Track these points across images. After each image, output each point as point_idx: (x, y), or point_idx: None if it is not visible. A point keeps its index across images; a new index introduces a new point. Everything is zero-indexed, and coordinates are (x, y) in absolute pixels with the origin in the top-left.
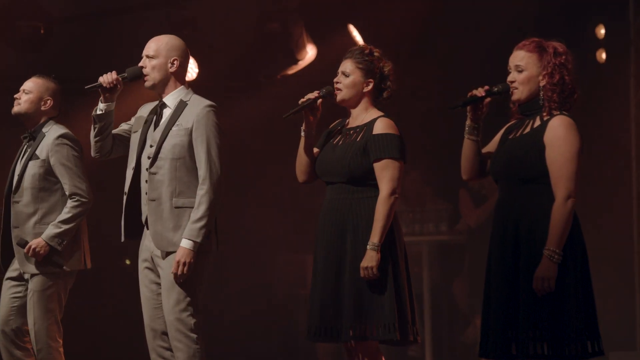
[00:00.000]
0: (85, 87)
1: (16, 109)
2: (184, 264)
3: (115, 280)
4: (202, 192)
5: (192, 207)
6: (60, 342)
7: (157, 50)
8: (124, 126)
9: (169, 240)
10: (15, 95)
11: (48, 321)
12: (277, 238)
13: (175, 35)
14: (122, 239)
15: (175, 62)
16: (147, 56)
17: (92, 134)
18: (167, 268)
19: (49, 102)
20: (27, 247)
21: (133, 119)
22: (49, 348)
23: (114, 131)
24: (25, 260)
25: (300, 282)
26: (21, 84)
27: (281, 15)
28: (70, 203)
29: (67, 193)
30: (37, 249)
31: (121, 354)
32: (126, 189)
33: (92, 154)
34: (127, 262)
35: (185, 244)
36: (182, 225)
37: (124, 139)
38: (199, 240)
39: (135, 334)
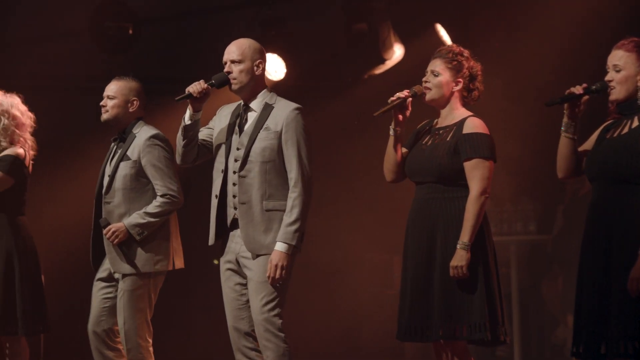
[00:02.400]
0: (176, 98)
1: (105, 116)
2: (281, 267)
3: (204, 280)
4: (295, 194)
5: (283, 210)
6: (150, 341)
7: (243, 54)
8: (204, 131)
9: (261, 243)
10: (101, 103)
11: (138, 321)
12: (364, 238)
13: (253, 40)
14: (212, 242)
15: (260, 64)
16: (232, 61)
17: (181, 142)
18: (256, 269)
19: (135, 102)
20: (108, 228)
21: (211, 122)
22: (139, 347)
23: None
24: (118, 261)
25: (387, 282)
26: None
27: (369, 15)
28: (160, 199)
29: (158, 194)
30: (116, 232)
31: (211, 353)
32: (217, 192)
33: (178, 161)
34: (215, 262)
35: (281, 247)
36: (273, 227)
37: (207, 144)
38: (293, 243)
39: (225, 334)
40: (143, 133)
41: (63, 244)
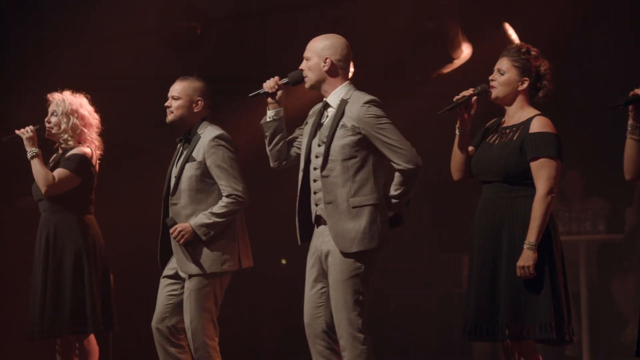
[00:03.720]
0: (249, 95)
1: (170, 117)
2: None
3: (272, 280)
4: (403, 169)
5: (369, 205)
6: (216, 340)
7: (311, 51)
8: (297, 131)
9: (351, 240)
10: (165, 104)
11: (204, 320)
12: (433, 237)
13: (334, 34)
14: (300, 242)
15: (327, 60)
16: (305, 58)
17: (266, 143)
18: (338, 267)
19: (199, 102)
20: (174, 228)
21: (305, 122)
22: (206, 346)
23: (289, 137)
24: (185, 261)
25: (455, 281)
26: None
27: (437, 13)
28: (226, 199)
29: (223, 194)
30: (182, 232)
31: (277, 352)
32: (298, 190)
33: (271, 163)
34: (283, 261)
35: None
36: (362, 223)
37: (299, 144)
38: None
39: (292, 333)
40: (207, 133)
41: (130, 243)
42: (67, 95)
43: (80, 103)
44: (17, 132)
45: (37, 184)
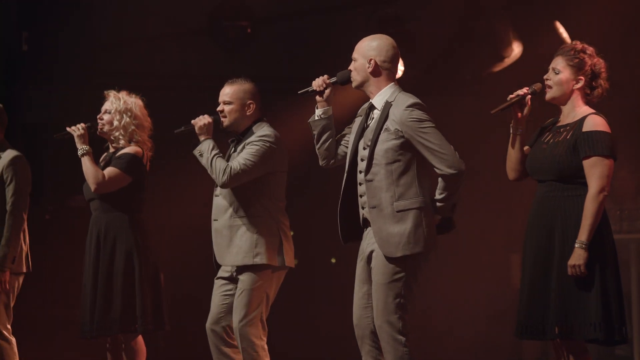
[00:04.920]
0: (298, 92)
1: (226, 123)
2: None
3: (321, 279)
4: (445, 174)
5: (414, 208)
6: (264, 340)
7: (358, 52)
8: (347, 129)
9: (396, 244)
10: (218, 109)
11: (253, 320)
12: (483, 236)
13: (382, 35)
14: (344, 243)
15: (372, 62)
16: (352, 58)
17: (314, 141)
18: (380, 269)
19: (252, 105)
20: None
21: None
22: (254, 346)
23: (338, 135)
24: (223, 253)
25: (504, 280)
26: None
27: (487, 12)
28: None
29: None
30: None
31: (326, 352)
32: (341, 192)
33: (320, 162)
34: (333, 260)
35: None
36: (407, 227)
37: (346, 144)
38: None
39: (342, 333)
40: (260, 132)
41: (181, 243)
42: (123, 94)
43: (135, 103)
44: (68, 129)
45: (86, 179)
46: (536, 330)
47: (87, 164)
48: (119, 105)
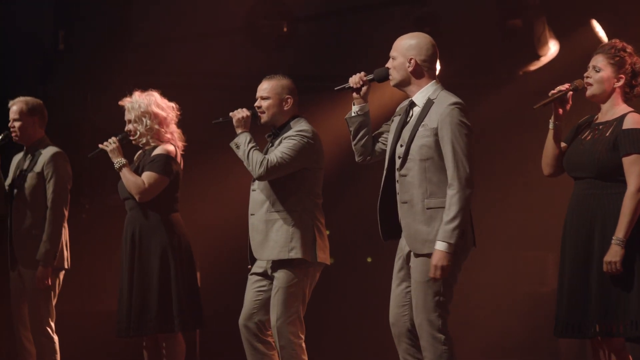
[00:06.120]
0: (335, 88)
1: (264, 118)
2: (441, 267)
3: (358, 278)
4: (452, 192)
5: (444, 208)
6: (302, 337)
7: (397, 50)
8: (384, 127)
9: (423, 242)
10: (255, 105)
11: (291, 318)
12: (519, 235)
13: (420, 33)
14: (385, 240)
15: (412, 61)
16: (391, 57)
17: (351, 138)
18: (418, 268)
19: (289, 100)
20: None
21: (392, 119)
22: (292, 344)
23: (375, 132)
24: (260, 247)
25: (541, 279)
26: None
27: (523, 10)
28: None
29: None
30: None
31: (363, 351)
32: (380, 189)
33: (356, 158)
34: (369, 259)
35: (440, 246)
36: (436, 226)
37: (384, 140)
38: (452, 241)
39: (378, 332)
40: (297, 127)
41: (217, 241)
42: (136, 96)
43: (150, 101)
44: (100, 146)
45: (129, 191)
46: (575, 328)
47: (126, 175)
48: (136, 112)
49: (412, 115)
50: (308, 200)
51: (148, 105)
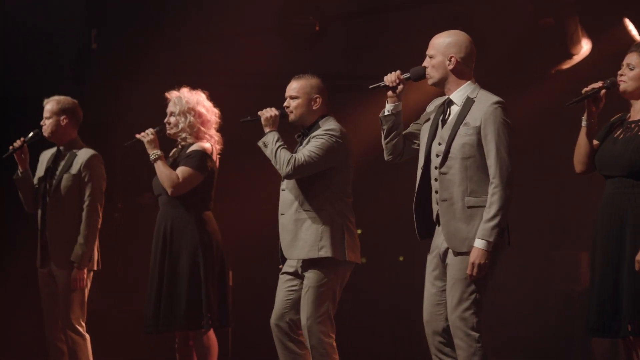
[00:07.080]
0: (370, 86)
1: (292, 117)
2: (478, 265)
3: (389, 277)
4: (494, 190)
5: (485, 206)
6: (333, 337)
7: (435, 49)
8: (413, 125)
9: (462, 240)
10: (284, 104)
11: (321, 317)
12: (551, 234)
13: (457, 31)
14: (420, 238)
15: (452, 59)
16: (428, 56)
17: (382, 136)
18: (456, 266)
19: (318, 100)
20: None
21: (421, 117)
22: (322, 343)
23: (404, 132)
24: (290, 248)
25: (574, 278)
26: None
27: (556, 9)
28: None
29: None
30: None
31: (394, 350)
32: (416, 187)
33: (385, 157)
34: (401, 258)
35: (479, 244)
36: (476, 224)
37: (415, 138)
38: (491, 239)
39: (410, 331)
40: (326, 126)
41: (249, 239)
42: (184, 92)
43: (197, 100)
44: (137, 136)
45: (162, 184)
46: (607, 328)
47: (160, 168)
48: (181, 106)
49: (449, 113)
50: (337, 200)
51: (195, 103)
